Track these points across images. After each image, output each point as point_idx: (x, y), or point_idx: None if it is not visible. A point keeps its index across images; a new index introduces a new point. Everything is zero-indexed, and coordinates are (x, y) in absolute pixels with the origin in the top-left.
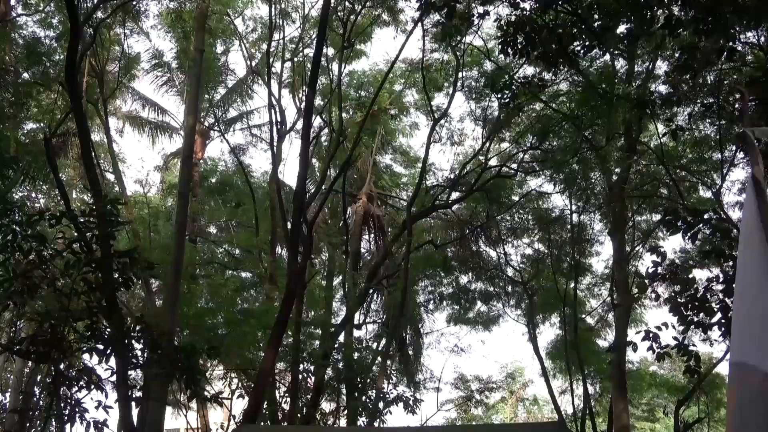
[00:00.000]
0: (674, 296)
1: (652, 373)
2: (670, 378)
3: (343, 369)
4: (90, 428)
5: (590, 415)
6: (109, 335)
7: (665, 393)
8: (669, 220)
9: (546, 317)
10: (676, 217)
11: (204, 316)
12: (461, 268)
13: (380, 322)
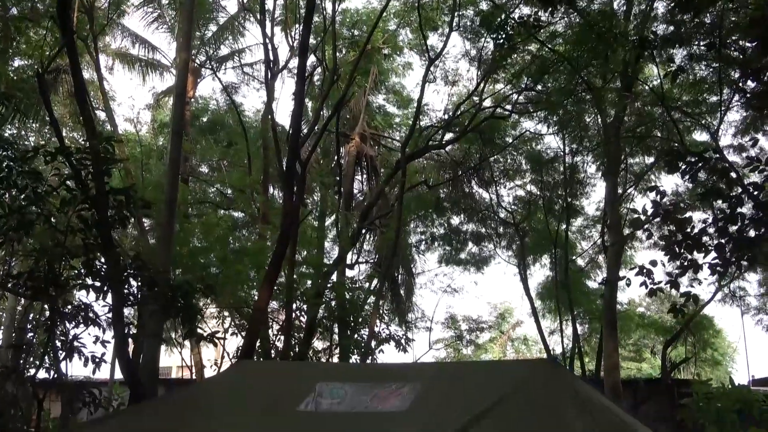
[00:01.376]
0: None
1: (640, 314)
2: (657, 319)
3: (336, 308)
4: (88, 363)
5: (579, 355)
6: (105, 272)
7: (653, 333)
8: (669, 160)
9: (537, 258)
10: (676, 157)
11: (197, 255)
12: (453, 209)
13: (373, 262)
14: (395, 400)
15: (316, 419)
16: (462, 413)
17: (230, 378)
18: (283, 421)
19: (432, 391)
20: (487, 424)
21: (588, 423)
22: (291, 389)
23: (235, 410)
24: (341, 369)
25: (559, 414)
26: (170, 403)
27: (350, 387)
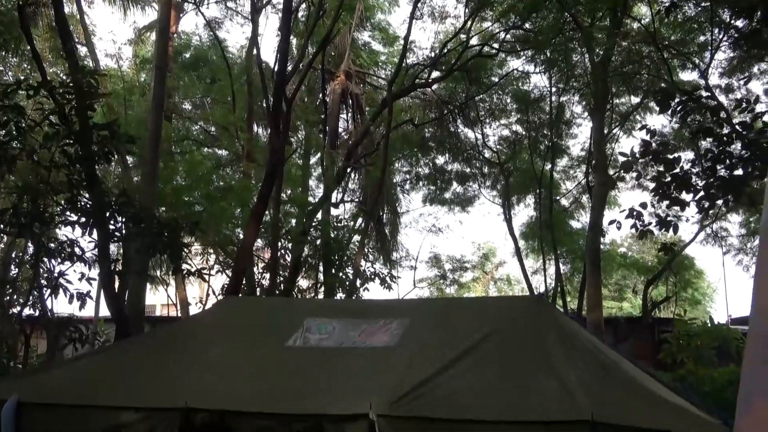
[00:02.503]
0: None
1: (622, 255)
2: (639, 259)
3: (321, 246)
4: (73, 299)
5: (561, 294)
6: (89, 208)
7: (634, 273)
8: (660, 99)
9: (521, 198)
10: (666, 96)
11: (181, 193)
12: (439, 148)
13: (358, 201)
14: (383, 336)
15: (305, 354)
16: (450, 348)
17: (217, 314)
18: (272, 356)
19: (420, 326)
20: (475, 358)
21: (573, 357)
22: (279, 325)
23: (223, 345)
24: (329, 305)
25: (546, 348)
26: (157, 339)
27: (338, 323)
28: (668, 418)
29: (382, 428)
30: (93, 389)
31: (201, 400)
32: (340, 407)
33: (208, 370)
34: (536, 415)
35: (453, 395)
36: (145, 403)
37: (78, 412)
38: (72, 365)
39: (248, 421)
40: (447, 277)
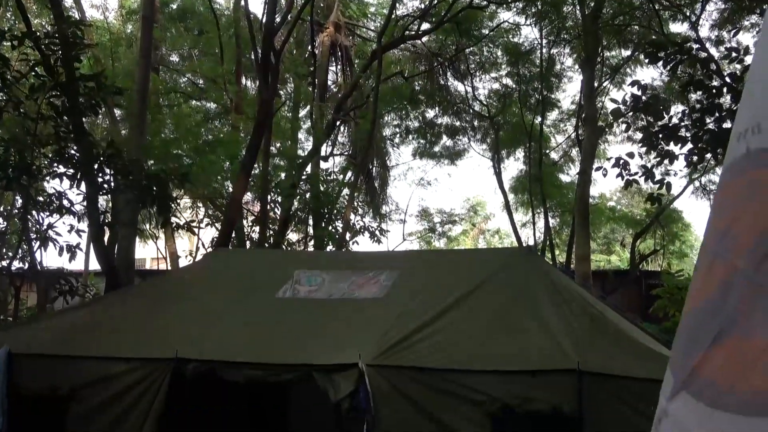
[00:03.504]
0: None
1: (611, 208)
2: (628, 212)
3: (310, 200)
4: (62, 252)
5: (550, 247)
6: (77, 160)
7: (623, 227)
8: (650, 51)
9: (511, 152)
10: (657, 48)
11: (170, 145)
12: (428, 101)
13: (347, 154)
14: (372, 287)
15: (294, 306)
16: (439, 299)
17: (207, 266)
18: (262, 308)
19: (409, 278)
20: (464, 310)
21: (561, 308)
22: (268, 277)
23: (213, 297)
24: (318, 257)
25: (534, 300)
26: (146, 291)
27: (327, 274)
28: (655, 367)
29: (371, 378)
30: (83, 340)
31: (191, 350)
32: (329, 357)
33: (198, 321)
34: (523, 364)
35: (441, 345)
36: (136, 353)
37: (68, 363)
38: (62, 317)
39: (238, 371)
40: (436, 230)
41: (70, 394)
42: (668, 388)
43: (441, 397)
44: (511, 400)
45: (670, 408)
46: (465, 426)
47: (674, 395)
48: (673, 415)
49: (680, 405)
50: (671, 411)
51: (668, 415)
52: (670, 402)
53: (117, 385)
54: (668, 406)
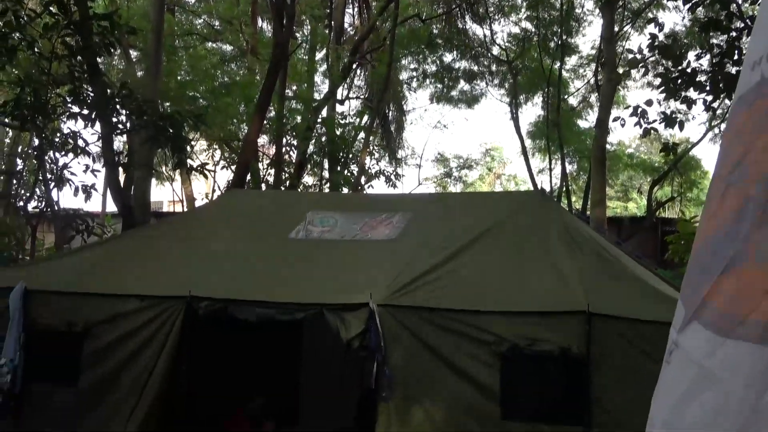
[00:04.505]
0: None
1: (630, 155)
2: (646, 159)
3: (326, 143)
4: (78, 192)
5: (566, 193)
6: (92, 100)
7: (640, 174)
8: None
9: (529, 97)
10: None
11: (185, 88)
12: (446, 45)
13: (363, 97)
14: (385, 229)
15: (307, 246)
16: (451, 241)
17: (221, 206)
18: (275, 248)
19: (422, 220)
20: (476, 251)
21: (573, 250)
22: (282, 217)
23: (227, 236)
24: (332, 198)
25: (546, 242)
26: (161, 230)
27: (340, 216)
28: (666, 310)
29: (381, 317)
30: (98, 278)
31: (204, 288)
32: (341, 297)
33: (212, 260)
34: (533, 306)
35: (453, 286)
36: (150, 291)
37: (84, 300)
38: (78, 255)
39: (250, 309)
40: (452, 175)
41: (85, 330)
42: (679, 320)
43: (450, 337)
44: (520, 340)
45: (680, 340)
46: (474, 366)
47: (685, 326)
48: (684, 347)
49: (690, 336)
50: (682, 342)
51: (679, 346)
52: (681, 333)
53: (131, 322)
54: (679, 338)
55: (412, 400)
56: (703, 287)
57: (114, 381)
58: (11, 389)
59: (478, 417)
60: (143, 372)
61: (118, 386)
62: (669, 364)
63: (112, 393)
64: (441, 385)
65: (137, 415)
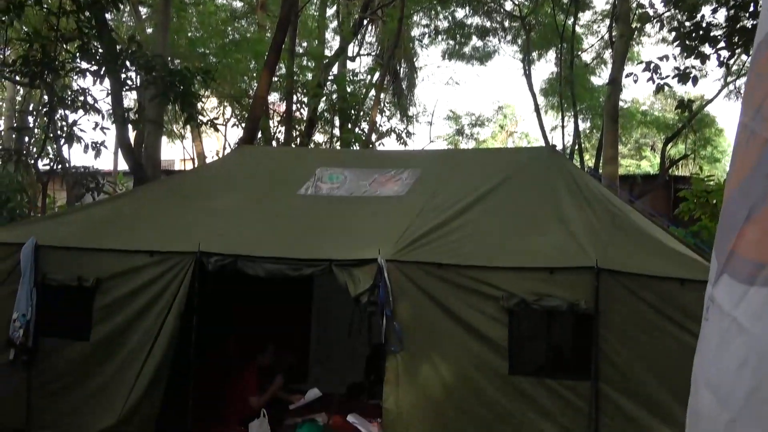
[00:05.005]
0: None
1: (643, 112)
2: (660, 116)
3: (337, 100)
4: (88, 149)
5: (579, 151)
6: (101, 55)
7: (654, 131)
8: None
9: (542, 54)
10: None
11: (195, 44)
12: (458, 0)
13: (374, 54)
14: (394, 185)
15: (316, 202)
16: (460, 197)
17: (230, 162)
18: (284, 204)
19: (431, 176)
20: (485, 207)
21: (582, 206)
22: (291, 174)
23: (236, 193)
24: (341, 155)
25: (555, 198)
26: (171, 186)
27: (350, 172)
28: (675, 266)
29: (390, 273)
30: (108, 234)
31: (213, 244)
32: (349, 253)
33: (221, 216)
34: (542, 261)
35: (461, 242)
36: (160, 247)
37: (94, 255)
38: (88, 211)
39: (259, 265)
40: (464, 132)
41: (96, 285)
42: (713, 275)
43: (459, 292)
44: (528, 296)
45: (715, 294)
46: (482, 321)
47: (717, 280)
48: (717, 300)
49: (722, 289)
50: (716, 296)
51: (714, 300)
52: (715, 287)
53: (141, 277)
54: (713, 292)
55: (419, 354)
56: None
57: (125, 335)
58: (24, 343)
59: (485, 371)
60: (153, 326)
61: (129, 340)
62: (707, 321)
63: (123, 347)
64: (449, 339)
65: (148, 369)
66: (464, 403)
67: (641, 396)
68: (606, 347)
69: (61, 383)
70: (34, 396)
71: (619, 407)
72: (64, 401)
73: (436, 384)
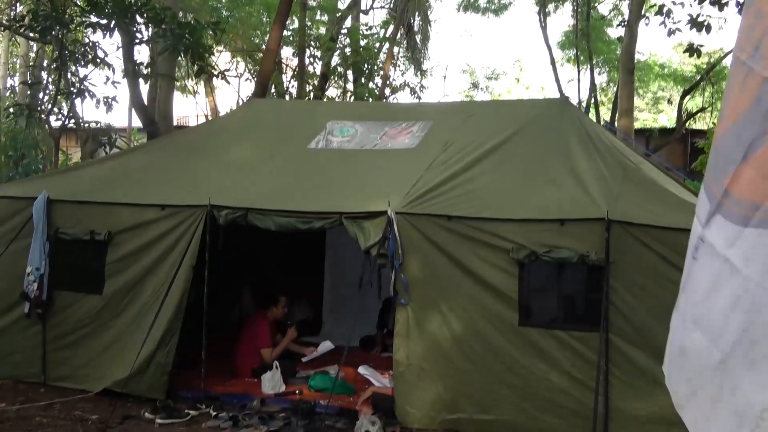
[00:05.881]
0: None
1: (661, 65)
2: (678, 69)
3: (350, 54)
4: (99, 104)
5: (595, 104)
6: (110, 9)
7: (672, 84)
8: None
9: (558, 5)
10: None
11: None
12: None
13: (388, 7)
14: (405, 138)
15: (326, 156)
16: (471, 149)
17: (241, 116)
18: (294, 158)
19: (442, 128)
20: (496, 159)
21: (593, 158)
22: (301, 127)
23: (246, 146)
24: (352, 108)
25: (567, 149)
26: (181, 141)
27: (360, 126)
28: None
29: (400, 225)
30: (120, 187)
31: (224, 197)
32: (359, 205)
33: (232, 169)
34: (552, 213)
35: (471, 194)
36: (171, 200)
37: (106, 209)
38: (100, 165)
39: (270, 218)
40: (478, 86)
41: (108, 239)
42: (703, 214)
43: (469, 245)
44: (538, 248)
45: (706, 234)
46: (492, 272)
47: (709, 220)
48: (709, 241)
49: (715, 229)
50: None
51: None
52: (706, 228)
53: (153, 231)
54: (704, 232)
55: (430, 306)
56: (725, 177)
57: (137, 288)
58: (38, 297)
59: (495, 323)
60: (165, 279)
61: (142, 293)
62: (696, 260)
63: (136, 300)
64: (459, 291)
65: (161, 321)
66: (474, 354)
67: (652, 347)
68: (617, 299)
69: (76, 336)
70: (50, 349)
71: (630, 358)
72: (79, 354)
73: (446, 336)
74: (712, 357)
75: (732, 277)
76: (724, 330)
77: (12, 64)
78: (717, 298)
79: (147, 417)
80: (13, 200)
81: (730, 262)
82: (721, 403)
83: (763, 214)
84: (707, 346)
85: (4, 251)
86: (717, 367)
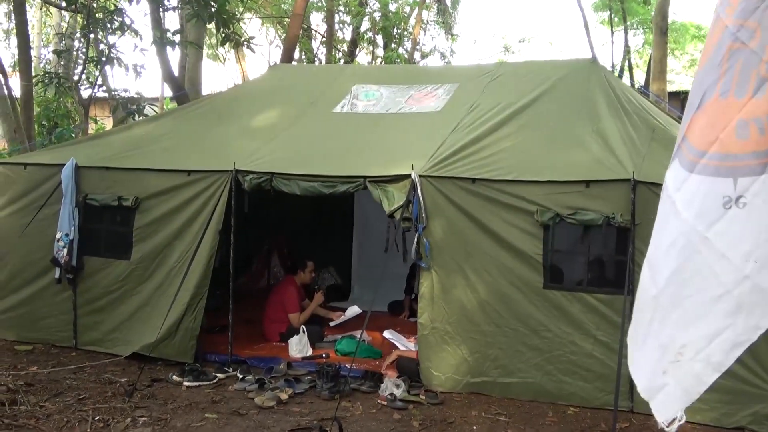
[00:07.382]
0: None
1: (697, 26)
2: None
3: (380, 19)
4: (128, 71)
5: (629, 67)
6: None
7: None
8: None
9: None
10: None
11: None
12: None
13: None
14: (430, 101)
15: (352, 120)
16: (497, 111)
17: (266, 81)
18: (319, 122)
19: (468, 90)
20: (522, 121)
21: (620, 118)
22: (327, 92)
23: (272, 111)
24: (377, 71)
25: (594, 110)
26: (207, 107)
27: (386, 89)
28: None
29: (424, 188)
30: (147, 154)
31: (249, 162)
32: (383, 169)
33: (257, 134)
34: (577, 174)
35: (496, 157)
36: (197, 166)
37: (132, 174)
38: (128, 132)
39: (294, 182)
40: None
41: (136, 205)
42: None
43: (493, 207)
44: (563, 210)
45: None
46: (516, 235)
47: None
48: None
49: (671, 173)
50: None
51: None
52: (668, 171)
53: (179, 196)
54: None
55: (454, 269)
56: (685, 125)
57: (165, 253)
58: (68, 262)
59: (520, 286)
60: (192, 244)
61: (169, 258)
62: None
63: (163, 265)
64: (483, 254)
65: (188, 286)
66: (498, 317)
67: None
68: (642, 260)
69: (105, 301)
70: (80, 313)
71: None
72: (109, 319)
73: (470, 299)
74: (649, 292)
75: (674, 218)
76: (662, 267)
77: (45, 35)
78: (661, 237)
79: (175, 380)
80: (42, 167)
81: (675, 204)
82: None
83: (706, 161)
84: (648, 280)
85: (33, 218)
86: (651, 302)
